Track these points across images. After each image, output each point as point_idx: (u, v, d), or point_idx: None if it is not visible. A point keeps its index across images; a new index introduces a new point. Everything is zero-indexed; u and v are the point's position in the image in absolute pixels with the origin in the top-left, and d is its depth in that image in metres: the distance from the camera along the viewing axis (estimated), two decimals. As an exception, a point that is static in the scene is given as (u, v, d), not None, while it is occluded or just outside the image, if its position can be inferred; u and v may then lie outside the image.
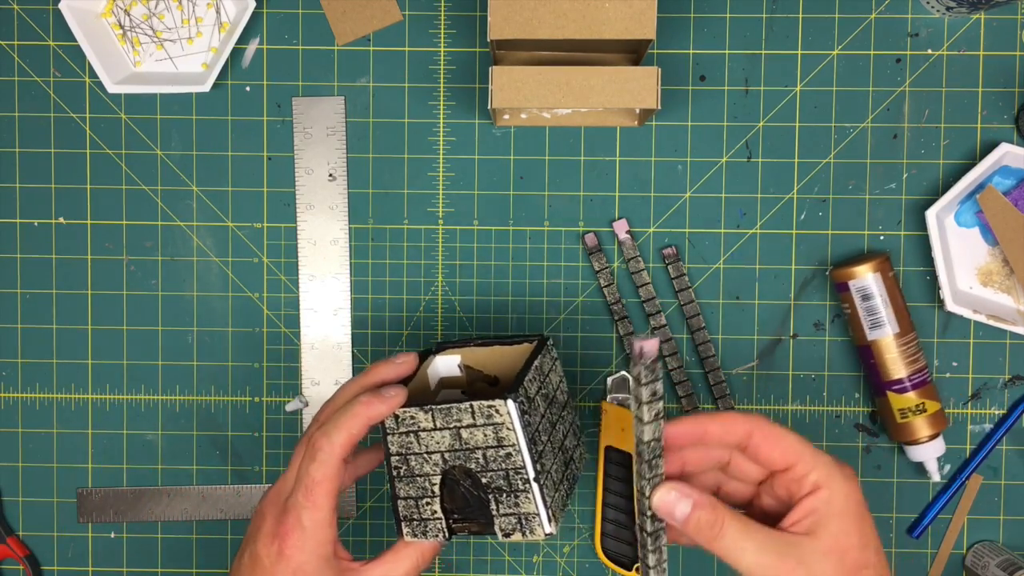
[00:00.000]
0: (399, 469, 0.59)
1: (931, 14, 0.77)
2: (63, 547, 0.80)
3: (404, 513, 0.59)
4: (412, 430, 0.58)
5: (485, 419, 0.56)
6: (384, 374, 0.61)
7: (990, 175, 0.75)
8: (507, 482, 0.56)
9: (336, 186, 0.78)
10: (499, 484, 0.57)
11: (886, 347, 0.74)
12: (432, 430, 0.57)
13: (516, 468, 0.56)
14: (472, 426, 0.56)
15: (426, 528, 0.59)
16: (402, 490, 0.59)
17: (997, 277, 0.76)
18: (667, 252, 0.78)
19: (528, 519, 0.57)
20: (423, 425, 0.57)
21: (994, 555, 0.76)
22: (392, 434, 0.58)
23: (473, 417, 0.56)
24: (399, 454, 0.58)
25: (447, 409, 0.57)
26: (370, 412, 0.57)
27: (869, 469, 0.79)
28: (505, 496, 0.57)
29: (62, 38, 0.78)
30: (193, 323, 0.79)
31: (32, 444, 0.80)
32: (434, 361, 0.67)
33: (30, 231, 0.79)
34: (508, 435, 0.56)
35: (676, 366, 0.78)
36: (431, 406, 0.57)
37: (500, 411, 0.56)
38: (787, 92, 0.77)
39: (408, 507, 0.59)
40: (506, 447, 0.56)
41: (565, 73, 0.68)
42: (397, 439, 0.58)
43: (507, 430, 0.56)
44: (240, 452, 0.80)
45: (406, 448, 0.58)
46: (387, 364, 0.62)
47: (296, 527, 0.57)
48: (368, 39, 0.78)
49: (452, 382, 0.67)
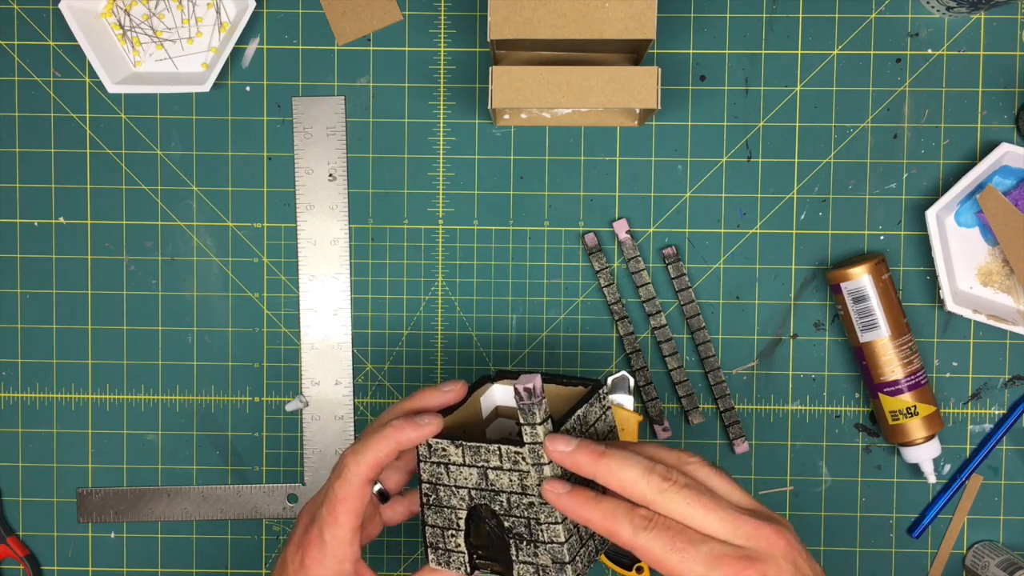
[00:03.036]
0: (428, 497, 0.58)
1: (931, 14, 0.77)
2: (63, 547, 0.80)
3: (431, 540, 0.59)
4: (443, 461, 0.57)
5: (511, 464, 0.55)
6: (428, 401, 0.60)
7: (990, 175, 0.75)
8: (528, 530, 0.55)
9: (336, 186, 0.78)
10: (520, 531, 0.56)
11: (880, 349, 0.74)
12: (461, 465, 0.57)
13: (537, 519, 0.55)
14: (498, 468, 0.55)
15: (450, 559, 0.58)
16: (430, 517, 0.59)
17: (997, 277, 0.76)
18: (667, 252, 0.78)
19: (546, 571, 0.55)
20: (453, 459, 0.57)
21: (994, 555, 0.76)
22: (424, 461, 0.58)
23: (500, 460, 0.55)
24: (429, 482, 0.58)
25: (476, 448, 0.56)
26: (400, 436, 0.57)
27: (869, 469, 0.79)
28: (525, 544, 0.56)
29: (62, 38, 0.78)
30: (193, 323, 0.79)
31: (32, 444, 0.80)
32: (491, 389, 0.64)
33: (30, 231, 0.79)
34: (532, 485, 0.55)
35: (676, 366, 0.78)
36: (461, 441, 0.56)
37: (527, 459, 0.55)
38: (787, 92, 0.77)
39: (435, 535, 0.59)
40: (529, 496, 0.55)
41: (565, 73, 0.68)
42: (429, 467, 0.58)
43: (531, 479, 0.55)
44: (240, 452, 0.80)
45: (436, 478, 0.58)
46: (433, 391, 0.60)
47: (317, 540, 0.57)
48: (368, 39, 0.78)
49: (508, 412, 0.65)
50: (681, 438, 0.79)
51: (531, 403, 0.54)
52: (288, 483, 0.80)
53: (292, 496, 0.80)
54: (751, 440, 0.79)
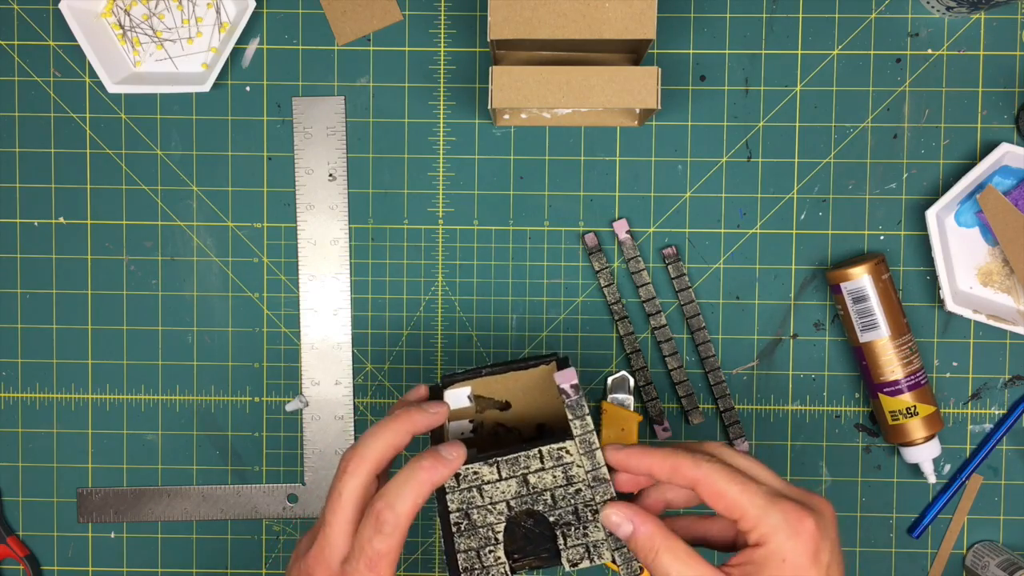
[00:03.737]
0: (459, 525, 0.57)
1: (931, 14, 0.77)
2: (63, 547, 0.80)
3: (464, 565, 0.57)
4: (475, 485, 0.56)
5: (555, 461, 0.56)
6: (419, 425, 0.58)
7: (990, 175, 0.75)
8: (575, 516, 0.56)
9: (336, 186, 0.78)
10: (568, 520, 0.56)
11: (880, 349, 0.74)
12: (496, 481, 0.56)
13: (585, 502, 0.56)
14: (540, 470, 0.56)
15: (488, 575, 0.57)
16: (462, 544, 0.57)
17: (997, 277, 0.76)
18: (667, 252, 0.78)
19: (596, 546, 0.56)
20: (487, 479, 0.56)
21: (994, 555, 0.76)
22: (451, 492, 0.56)
23: (542, 462, 0.56)
24: (460, 510, 0.57)
25: (514, 459, 0.56)
26: (434, 478, 0.55)
27: (869, 469, 0.79)
28: (573, 529, 0.56)
29: (62, 38, 0.78)
30: (193, 323, 0.79)
31: (32, 444, 0.80)
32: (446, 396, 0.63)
33: (30, 231, 0.79)
34: (578, 472, 0.56)
35: (676, 366, 0.78)
36: (496, 459, 0.56)
37: (571, 451, 0.56)
38: (787, 92, 0.77)
39: (469, 559, 0.57)
40: (575, 483, 0.56)
41: (565, 73, 0.68)
42: (458, 496, 0.56)
43: (577, 467, 0.56)
44: (240, 452, 0.80)
45: (467, 504, 0.56)
46: (422, 414, 0.58)
47: None
48: (368, 39, 0.78)
49: (460, 414, 0.64)
50: (681, 438, 0.79)
51: (577, 397, 0.56)
52: (288, 483, 0.80)
53: (292, 496, 0.80)
54: (751, 440, 0.79)
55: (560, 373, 0.57)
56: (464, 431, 0.64)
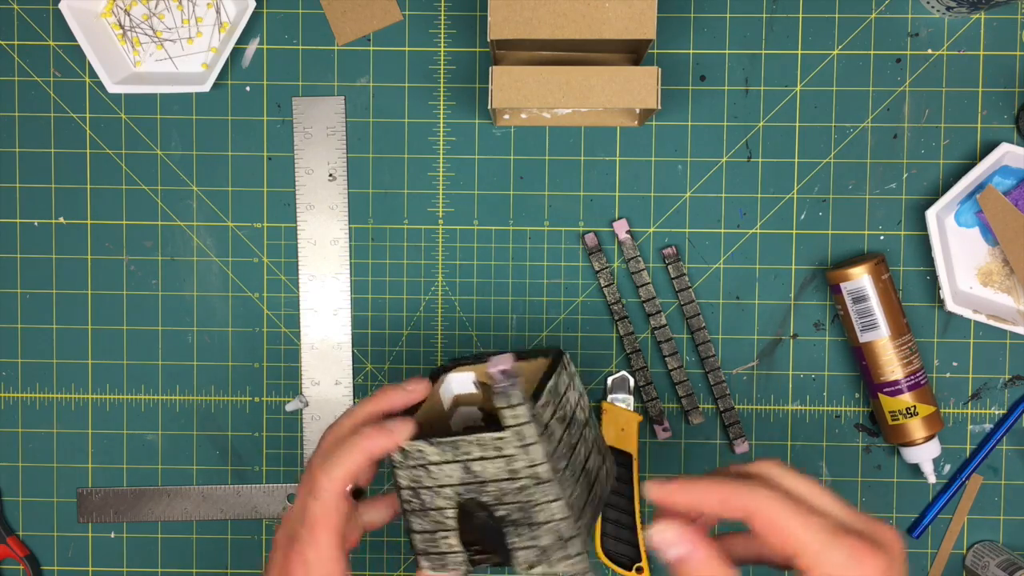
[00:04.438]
0: (411, 503, 0.56)
1: (931, 14, 0.77)
2: (63, 547, 0.80)
3: (421, 547, 0.57)
4: (420, 463, 0.55)
5: (495, 452, 0.54)
6: (393, 401, 0.59)
7: (990, 175, 0.75)
8: (523, 514, 0.54)
9: (336, 186, 0.78)
10: (515, 517, 0.54)
11: (879, 349, 0.74)
12: (441, 463, 0.55)
13: (531, 501, 0.54)
14: (482, 459, 0.54)
15: (445, 561, 0.57)
16: (416, 523, 0.57)
17: (997, 277, 0.76)
18: (667, 252, 0.78)
19: (549, 551, 0.54)
20: (431, 459, 0.55)
21: (994, 555, 0.76)
22: (400, 468, 0.56)
23: (482, 450, 0.54)
24: (409, 488, 0.56)
25: (454, 443, 0.54)
26: (371, 446, 0.55)
27: (869, 469, 0.79)
28: (522, 528, 0.54)
29: (62, 38, 0.78)
30: (193, 323, 0.79)
31: (32, 444, 0.80)
32: (447, 379, 0.64)
33: (30, 231, 0.79)
34: (520, 467, 0.54)
35: (676, 366, 0.78)
36: (437, 439, 0.54)
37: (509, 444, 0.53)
38: (787, 92, 0.77)
39: (425, 540, 0.57)
40: (519, 480, 0.54)
41: (565, 73, 0.68)
42: (406, 472, 0.56)
43: (519, 462, 0.54)
44: (240, 452, 0.80)
45: (416, 482, 0.56)
46: (396, 390, 0.59)
47: (300, 563, 0.56)
48: (368, 39, 0.78)
49: (468, 399, 0.64)
50: (681, 438, 0.79)
51: (508, 384, 0.53)
52: (288, 483, 0.80)
53: (292, 496, 0.80)
54: (751, 440, 0.79)
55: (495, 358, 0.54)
56: (475, 418, 0.64)
